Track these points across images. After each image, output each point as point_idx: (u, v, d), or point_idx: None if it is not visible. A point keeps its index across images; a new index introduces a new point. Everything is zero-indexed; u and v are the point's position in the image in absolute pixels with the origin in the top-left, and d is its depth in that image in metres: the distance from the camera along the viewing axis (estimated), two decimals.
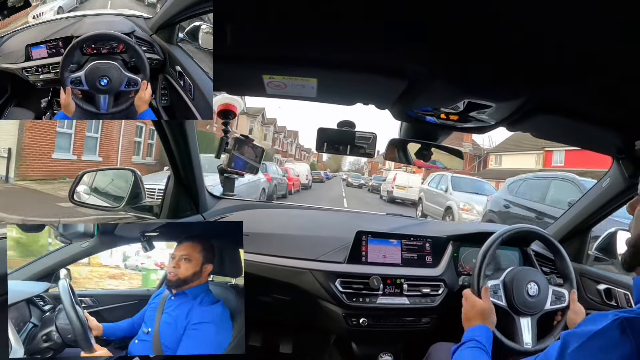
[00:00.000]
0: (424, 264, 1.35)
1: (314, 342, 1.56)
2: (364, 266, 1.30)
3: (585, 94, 0.83)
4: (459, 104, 0.91)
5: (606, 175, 1.33)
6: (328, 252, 1.32)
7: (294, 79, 0.89)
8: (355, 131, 1.21)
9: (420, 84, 0.85)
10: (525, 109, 0.91)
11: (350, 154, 1.23)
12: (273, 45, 0.75)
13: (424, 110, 1.02)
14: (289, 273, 1.26)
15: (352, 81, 0.90)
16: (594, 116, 0.92)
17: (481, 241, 1.22)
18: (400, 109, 1.05)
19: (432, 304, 1.28)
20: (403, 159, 1.27)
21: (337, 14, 0.62)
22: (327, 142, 1.22)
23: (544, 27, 0.58)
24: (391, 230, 1.41)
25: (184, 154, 1.25)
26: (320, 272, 1.25)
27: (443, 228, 1.51)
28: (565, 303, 1.16)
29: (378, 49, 0.74)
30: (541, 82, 0.78)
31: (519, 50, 0.66)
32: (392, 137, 1.26)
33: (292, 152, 35.96)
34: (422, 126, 1.18)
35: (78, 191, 1.27)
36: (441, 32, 0.64)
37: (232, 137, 1.28)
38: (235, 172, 1.35)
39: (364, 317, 1.25)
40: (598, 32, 0.57)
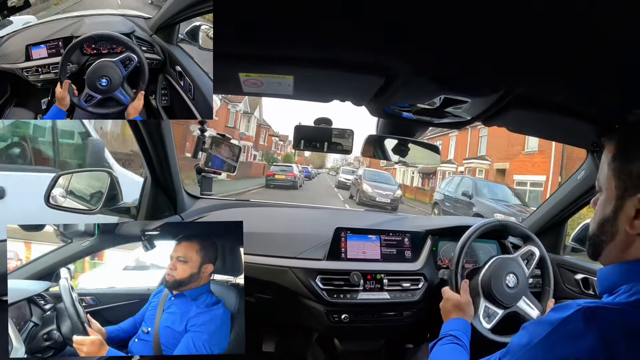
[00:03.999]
0: (404, 258, 1.37)
1: (296, 339, 1.58)
2: (343, 262, 1.31)
3: (561, 89, 0.87)
4: (435, 99, 0.93)
5: (581, 167, 1.36)
6: (308, 249, 1.32)
7: (270, 76, 0.90)
8: (332, 128, 1.22)
9: (397, 81, 0.86)
10: (501, 104, 0.94)
11: (328, 151, 1.24)
12: (249, 43, 0.76)
13: (401, 106, 1.03)
14: (269, 272, 1.26)
15: (329, 78, 0.91)
16: (569, 110, 0.96)
17: (459, 235, 1.25)
18: (376, 105, 1.06)
19: (412, 298, 1.30)
20: (380, 155, 1.28)
21: (314, 12, 0.64)
22: (304, 139, 1.23)
23: (518, 23, 0.61)
24: (370, 226, 1.42)
25: (161, 154, 1.24)
26: (300, 269, 1.26)
27: (421, 223, 1.53)
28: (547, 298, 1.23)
29: (355, 46, 0.76)
30: (517, 78, 0.82)
31: (495, 47, 0.68)
32: (369, 134, 1.26)
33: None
34: (398, 122, 1.19)
35: (54, 194, 1.24)
36: (418, 30, 0.66)
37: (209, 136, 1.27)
38: (213, 171, 1.34)
39: (346, 313, 1.27)
40: (572, 27, 0.60)
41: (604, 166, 0.63)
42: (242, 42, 0.75)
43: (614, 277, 0.60)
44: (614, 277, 0.60)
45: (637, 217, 0.56)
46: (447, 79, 0.83)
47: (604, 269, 0.63)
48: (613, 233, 0.60)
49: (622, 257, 0.59)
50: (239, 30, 0.71)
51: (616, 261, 0.60)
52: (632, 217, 0.57)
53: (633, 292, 0.54)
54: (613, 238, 0.60)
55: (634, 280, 0.56)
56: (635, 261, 0.58)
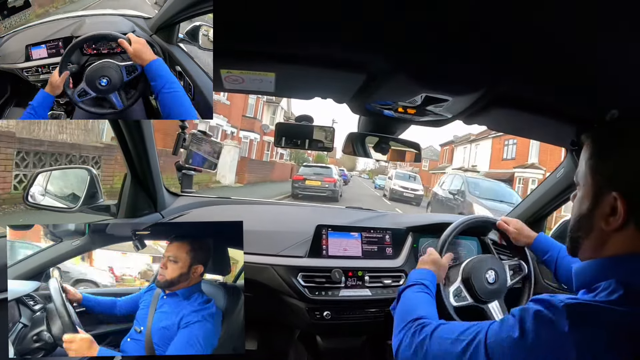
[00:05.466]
0: (385, 255, 1.38)
1: (278, 337, 1.58)
2: (325, 260, 1.32)
3: (540, 89, 0.89)
4: (416, 97, 0.94)
5: (560, 165, 1.38)
6: (289, 246, 1.33)
7: (251, 73, 0.90)
8: (313, 125, 1.22)
9: (378, 78, 0.88)
10: (481, 103, 0.96)
11: (309, 149, 1.24)
12: (230, 39, 0.77)
13: (382, 104, 1.04)
14: (250, 269, 1.26)
15: (310, 75, 0.92)
16: (549, 109, 0.99)
17: (440, 231, 1.27)
18: (358, 102, 1.07)
19: (393, 294, 1.31)
20: (361, 152, 1.29)
21: (295, 9, 0.65)
22: (286, 136, 1.23)
23: (498, 23, 0.63)
24: (351, 223, 1.43)
25: (141, 151, 1.23)
26: (281, 267, 1.26)
27: (402, 220, 1.54)
28: (524, 272, 1.25)
29: (335, 44, 0.77)
30: (497, 77, 0.83)
31: (476, 46, 0.70)
32: (350, 131, 1.27)
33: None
34: (380, 120, 1.21)
35: (32, 192, 1.23)
36: (399, 28, 0.67)
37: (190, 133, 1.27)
38: (194, 169, 1.34)
39: (327, 310, 1.28)
40: (552, 28, 0.62)
41: (582, 163, 0.65)
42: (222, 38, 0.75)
43: (590, 273, 0.61)
44: (591, 273, 0.61)
45: (612, 214, 0.58)
46: (428, 77, 0.84)
47: (580, 264, 0.64)
48: (589, 229, 0.62)
49: (598, 253, 0.61)
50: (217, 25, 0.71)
51: (593, 257, 0.62)
52: (608, 214, 0.59)
53: (612, 289, 0.55)
54: (589, 234, 0.62)
55: (611, 277, 0.57)
56: (610, 258, 0.59)
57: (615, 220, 0.57)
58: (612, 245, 0.59)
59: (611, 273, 0.57)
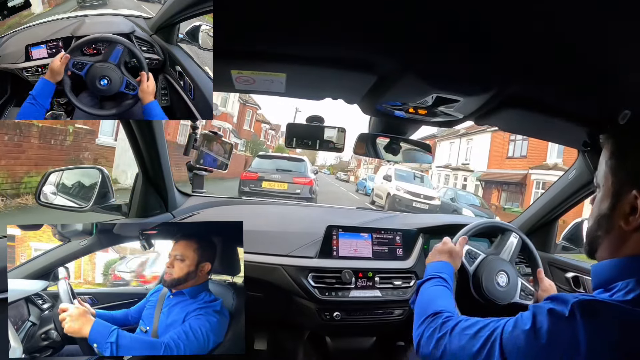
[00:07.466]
0: (395, 256, 1.38)
1: (288, 337, 1.58)
2: (335, 260, 1.32)
3: (552, 90, 0.89)
4: (427, 98, 0.93)
5: (572, 167, 1.37)
6: (299, 247, 1.33)
7: (262, 74, 0.90)
8: (324, 126, 1.22)
9: (389, 79, 0.88)
10: (492, 104, 0.95)
11: (320, 149, 1.24)
12: (242, 40, 0.77)
13: (393, 104, 1.04)
14: (260, 269, 1.26)
15: (321, 76, 0.92)
16: (561, 111, 0.98)
17: (451, 233, 1.24)
18: (368, 103, 1.08)
19: (404, 296, 1.31)
20: (372, 153, 1.28)
21: (307, 10, 0.65)
22: (296, 137, 1.23)
23: (510, 24, 0.63)
24: (361, 224, 1.43)
25: (152, 152, 1.24)
26: (291, 267, 1.27)
27: (413, 221, 1.54)
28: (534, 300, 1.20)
29: (347, 44, 0.77)
30: (508, 78, 0.83)
31: (487, 47, 0.70)
32: (362, 132, 1.26)
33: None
34: (390, 120, 1.20)
35: (45, 192, 1.24)
36: (410, 29, 0.67)
37: (201, 134, 1.27)
38: (205, 169, 1.34)
39: (337, 311, 1.28)
40: (562, 29, 0.61)
41: (601, 163, 0.64)
42: (234, 39, 0.76)
43: (608, 272, 0.61)
44: (609, 272, 0.61)
45: (632, 213, 0.58)
46: (439, 78, 0.84)
47: (599, 264, 0.64)
48: (609, 229, 0.62)
49: (617, 253, 0.61)
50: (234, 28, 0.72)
51: (611, 257, 0.62)
52: (627, 213, 0.58)
53: (630, 289, 0.55)
54: (609, 234, 0.62)
55: (629, 277, 0.57)
56: (630, 257, 0.59)
57: (635, 219, 0.57)
58: (631, 244, 0.59)
59: (629, 273, 0.57)
